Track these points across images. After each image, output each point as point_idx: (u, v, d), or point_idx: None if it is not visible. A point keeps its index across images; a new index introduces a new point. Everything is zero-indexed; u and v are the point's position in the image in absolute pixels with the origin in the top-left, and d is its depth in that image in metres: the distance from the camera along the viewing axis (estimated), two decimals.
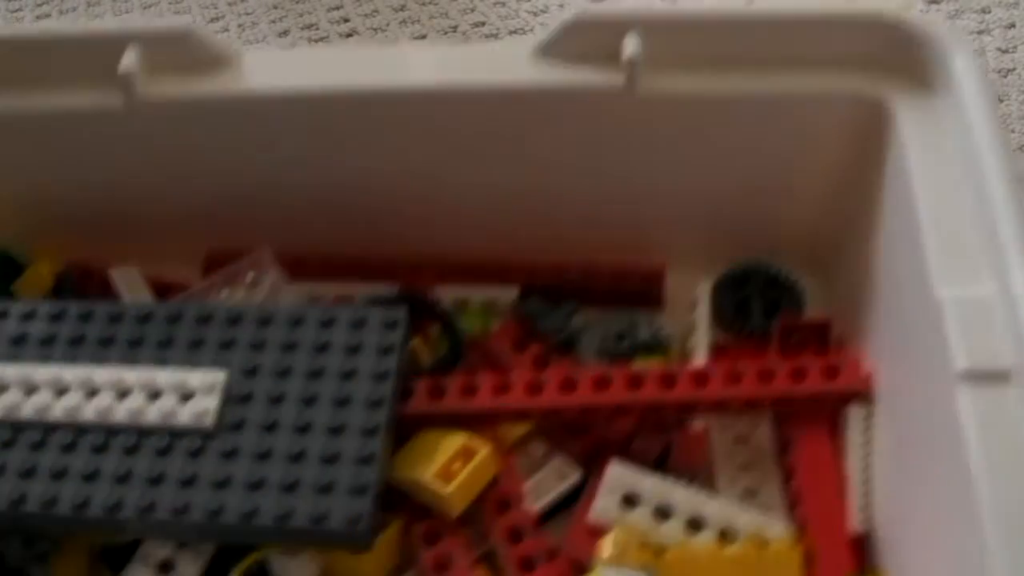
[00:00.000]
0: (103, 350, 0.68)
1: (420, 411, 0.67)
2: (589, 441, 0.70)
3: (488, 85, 0.70)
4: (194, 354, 0.67)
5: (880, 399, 0.66)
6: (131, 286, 0.77)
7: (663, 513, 0.65)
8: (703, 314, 0.74)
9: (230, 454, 0.63)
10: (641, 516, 0.65)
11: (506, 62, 0.70)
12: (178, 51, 0.70)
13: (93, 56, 0.70)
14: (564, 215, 0.77)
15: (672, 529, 0.64)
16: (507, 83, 0.70)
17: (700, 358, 0.71)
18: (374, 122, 0.72)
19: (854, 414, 0.66)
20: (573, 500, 0.69)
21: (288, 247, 0.78)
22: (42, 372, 0.67)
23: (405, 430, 0.67)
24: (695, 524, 0.65)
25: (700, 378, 0.66)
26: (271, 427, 0.64)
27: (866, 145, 0.68)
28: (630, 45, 0.67)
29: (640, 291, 0.77)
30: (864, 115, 0.67)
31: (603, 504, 0.66)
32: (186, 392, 0.65)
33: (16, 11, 1.19)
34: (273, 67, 0.72)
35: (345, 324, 0.68)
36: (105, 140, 0.74)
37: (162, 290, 0.78)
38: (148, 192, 0.78)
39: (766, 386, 0.65)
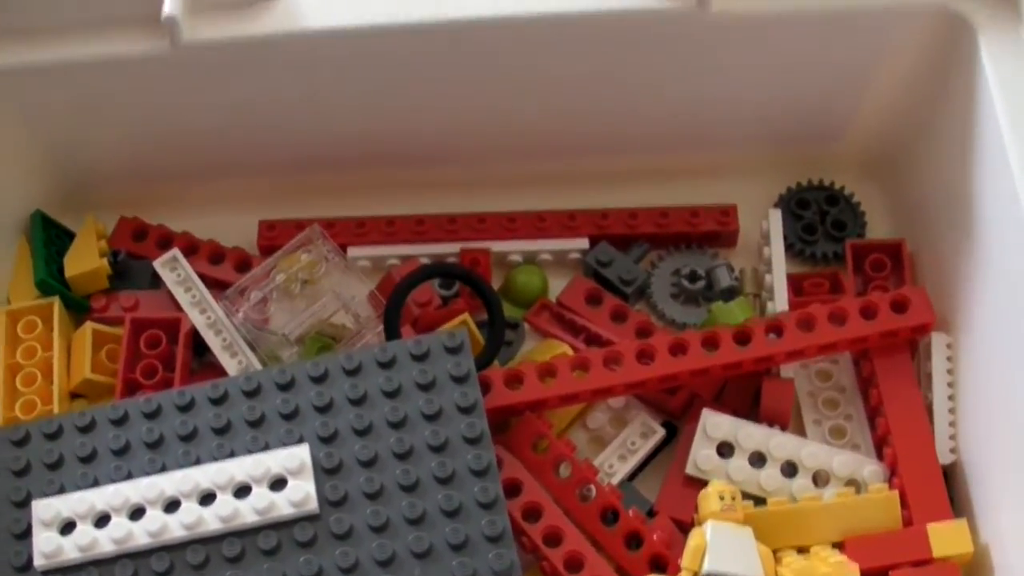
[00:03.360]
0: (161, 452, 0.63)
1: (502, 404, 0.66)
2: (674, 398, 0.70)
3: (557, 11, 0.67)
4: (260, 432, 0.62)
5: (960, 325, 0.68)
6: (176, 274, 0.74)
7: (758, 460, 0.67)
8: (778, 248, 0.73)
9: (346, 535, 0.60)
10: (738, 465, 0.66)
11: None
12: None
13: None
14: (633, 145, 0.76)
15: (768, 476, 0.66)
16: (580, 8, 0.67)
17: (780, 299, 0.71)
18: (431, 57, 0.68)
19: (936, 342, 0.68)
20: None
21: (346, 209, 0.77)
22: (107, 494, 0.61)
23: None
24: (789, 469, 0.66)
25: (774, 329, 0.66)
26: (376, 494, 0.60)
27: (945, 60, 0.68)
28: None
29: (714, 229, 0.76)
30: (945, 29, 0.67)
31: (701, 455, 0.66)
32: (274, 479, 0.61)
33: None
34: (321, 3, 0.67)
35: (408, 361, 0.64)
36: (151, 87, 0.70)
37: (218, 257, 0.75)
38: (199, 144, 0.75)
39: (839, 329, 0.66)
